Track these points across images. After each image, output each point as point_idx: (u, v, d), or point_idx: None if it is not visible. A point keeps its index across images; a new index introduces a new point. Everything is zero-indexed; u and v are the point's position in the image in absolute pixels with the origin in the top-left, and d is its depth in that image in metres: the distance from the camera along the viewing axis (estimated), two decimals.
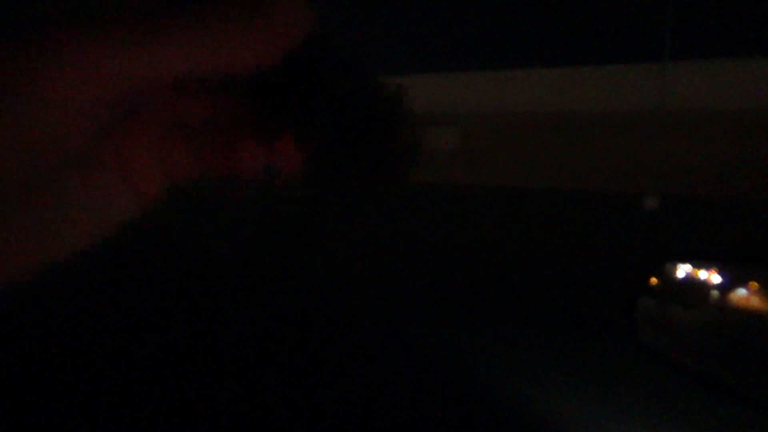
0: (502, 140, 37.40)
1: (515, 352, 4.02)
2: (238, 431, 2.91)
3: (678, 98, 29.92)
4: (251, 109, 0.28)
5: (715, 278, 0.89)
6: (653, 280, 0.96)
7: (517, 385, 3.51)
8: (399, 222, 12.25)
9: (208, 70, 0.23)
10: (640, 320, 0.95)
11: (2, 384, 3.67)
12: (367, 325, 4.42)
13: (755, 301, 0.87)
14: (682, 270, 0.92)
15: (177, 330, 4.20)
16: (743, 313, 0.88)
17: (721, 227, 13.52)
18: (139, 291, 5.36)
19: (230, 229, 10.04)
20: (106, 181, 0.26)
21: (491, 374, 3.53)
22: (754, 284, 0.84)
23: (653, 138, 29.05)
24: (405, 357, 3.82)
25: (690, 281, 0.90)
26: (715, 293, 0.86)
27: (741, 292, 0.88)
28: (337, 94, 0.28)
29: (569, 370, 3.65)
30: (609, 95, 34.31)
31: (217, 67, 0.23)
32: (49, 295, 5.05)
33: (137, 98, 0.24)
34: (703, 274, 0.90)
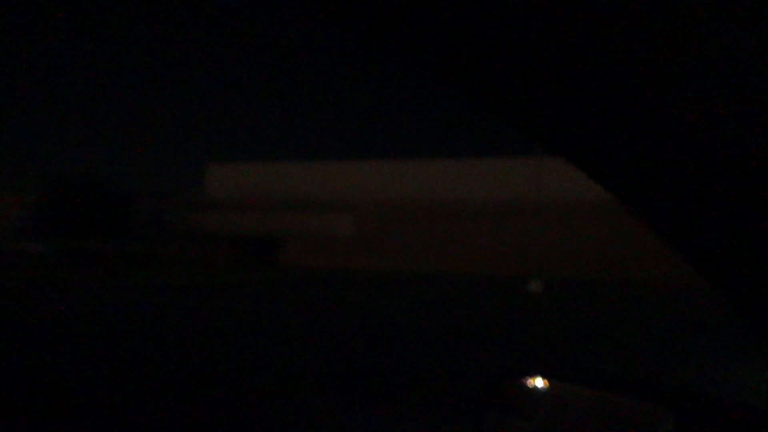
0: (395, 227, 38.44)
1: None
2: None
3: (551, 189, 32.48)
4: None
5: (546, 390, 0.96)
6: (495, 395, 1.01)
7: None
8: (296, 307, 12.01)
9: None
10: None
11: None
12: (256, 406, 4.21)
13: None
14: (519, 384, 0.98)
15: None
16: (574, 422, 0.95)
17: (598, 306, 14.47)
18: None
19: None
20: None
21: None
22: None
23: (533, 225, 31.07)
24: None
25: (524, 394, 0.96)
26: (545, 404, 0.93)
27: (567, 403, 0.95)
28: None
29: None
30: (492, 185, 36.65)
31: None
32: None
33: None
34: (538, 385, 0.97)
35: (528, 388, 0.92)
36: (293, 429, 4.14)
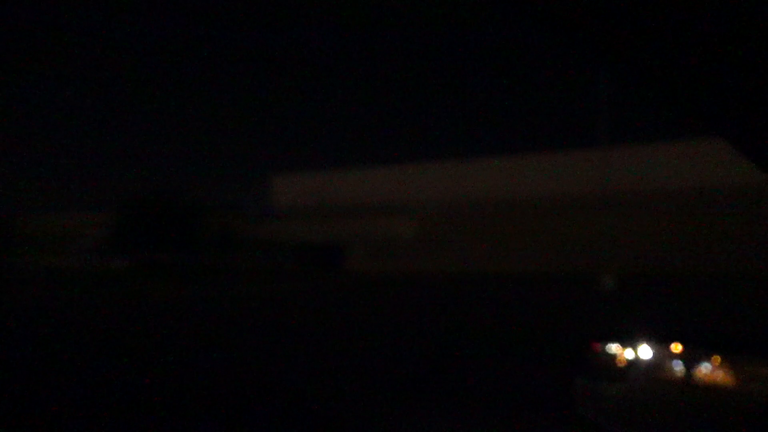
0: (458, 228, 38.16)
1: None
2: None
3: (618, 181, 31.43)
4: None
5: (638, 354, 0.97)
6: (585, 360, 1.03)
7: None
8: (360, 309, 12.16)
9: None
10: (577, 397, 1.02)
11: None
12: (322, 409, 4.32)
13: (680, 375, 0.94)
14: (608, 349, 1.00)
15: None
16: (670, 385, 0.95)
17: (671, 300, 13.90)
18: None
19: None
20: None
21: None
22: (716, 361, 0.91)
23: (601, 220, 30.14)
24: None
25: (613, 358, 0.98)
26: (637, 368, 0.94)
27: (669, 367, 0.96)
28: None
29: None
30: (556, 181, 35.79)
31: None
32: None
33: None
34: (628, 353, 0.98)
35: (617, 352, 0.93)
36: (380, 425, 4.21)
